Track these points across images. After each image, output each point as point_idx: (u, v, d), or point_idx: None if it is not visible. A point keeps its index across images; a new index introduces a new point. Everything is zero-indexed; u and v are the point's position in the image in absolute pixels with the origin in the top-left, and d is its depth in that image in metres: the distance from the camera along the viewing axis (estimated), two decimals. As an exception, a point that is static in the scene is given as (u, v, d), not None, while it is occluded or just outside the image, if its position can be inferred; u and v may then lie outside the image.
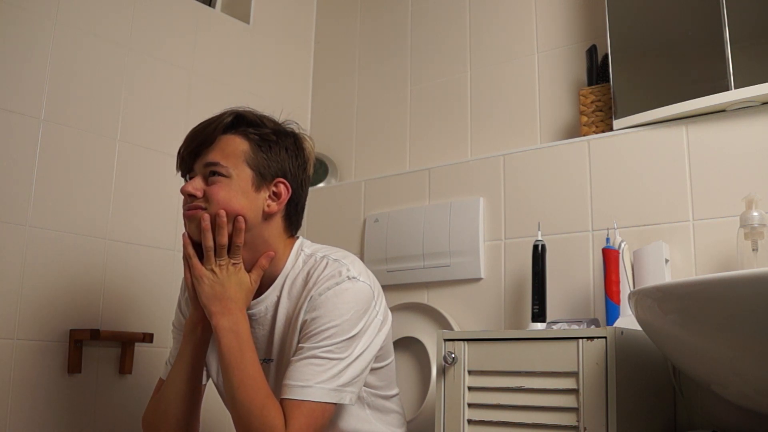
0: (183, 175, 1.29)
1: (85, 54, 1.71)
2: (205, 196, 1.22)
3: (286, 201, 1.26)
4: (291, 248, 1.29)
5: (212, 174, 1.22)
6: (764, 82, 1.35)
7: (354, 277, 1.20)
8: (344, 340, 1.16)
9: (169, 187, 1.80)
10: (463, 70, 1.93)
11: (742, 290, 0.89)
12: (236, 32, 2.09)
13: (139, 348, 1.71)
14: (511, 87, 1.83)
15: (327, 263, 1.23)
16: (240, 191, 1.22)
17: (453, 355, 1.28)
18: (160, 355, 1.72)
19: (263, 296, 1.27)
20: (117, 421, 1.66)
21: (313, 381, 1.13)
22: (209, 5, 2.10)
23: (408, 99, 2.03)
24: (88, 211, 1.67)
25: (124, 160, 1.75)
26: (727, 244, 1.37)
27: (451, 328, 1.66)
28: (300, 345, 1.18)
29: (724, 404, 1.29)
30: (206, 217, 1.21)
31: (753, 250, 1.28)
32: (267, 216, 1.25)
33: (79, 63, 1.69)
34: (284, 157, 1.27)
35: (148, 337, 1.66)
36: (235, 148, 1.23)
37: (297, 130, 1.33)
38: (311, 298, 1.19)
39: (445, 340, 1.31)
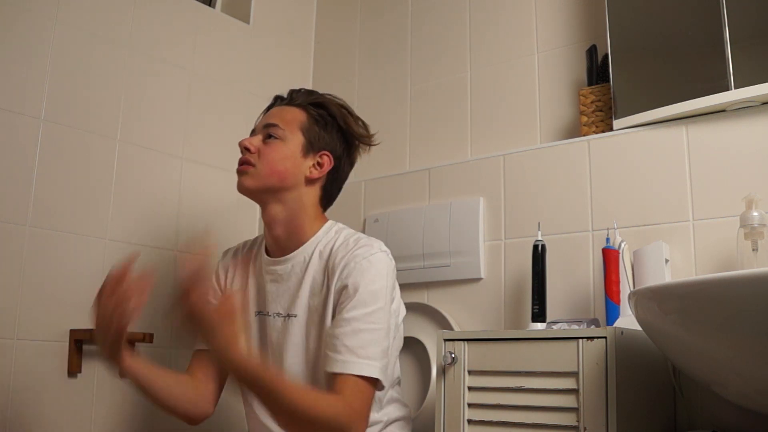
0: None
1: (85, 54, 1.71)
2: (259, 153, 1.37)
3: (327, 171, 1.40)
4: (321, 221, 1.40)
5: (269, 136, 1.38)
6: (764, 82, 1.34)
7: (385, 251, 1.33)
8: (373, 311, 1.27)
9: (169, 187, 1.80)
10: (463, 70, 1.93)
11: (742, 290, 0.88)
12: (236, 32, 2.09)
13: (139, 348, 1.71)
14: (511, 87, 1.82)
15: (359, 238, 1.35)
16: (289, 155, 1.37)
17: (453, 355, 1.28)
18: (160, 355, 1.72)
19: (290, 256, 1.37)
20: (117, 421, 1.66)
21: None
22: (209, 5, 2.10)
23: (408, 99, 2.03)
24: (88, 211, 1.67)
25: (124, 160, 1.75)
26: (727, 244, 1.37)
27: (451, 328, 1.66)
28: (339, 316, 1.26)
29: (724, 404, 1.29)
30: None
31: (753, 250, 1.28)
32: (309, 181, 1.39)
33: (79, 63, 1.69)
34: (335, 138, 1.42)
35: (148, 337, 1.66)
36: (294, 117, 1.40)
37: (358, 130, 1.45)
38: (345, 265, 1.29)
39: (445, 340, 1.31)
